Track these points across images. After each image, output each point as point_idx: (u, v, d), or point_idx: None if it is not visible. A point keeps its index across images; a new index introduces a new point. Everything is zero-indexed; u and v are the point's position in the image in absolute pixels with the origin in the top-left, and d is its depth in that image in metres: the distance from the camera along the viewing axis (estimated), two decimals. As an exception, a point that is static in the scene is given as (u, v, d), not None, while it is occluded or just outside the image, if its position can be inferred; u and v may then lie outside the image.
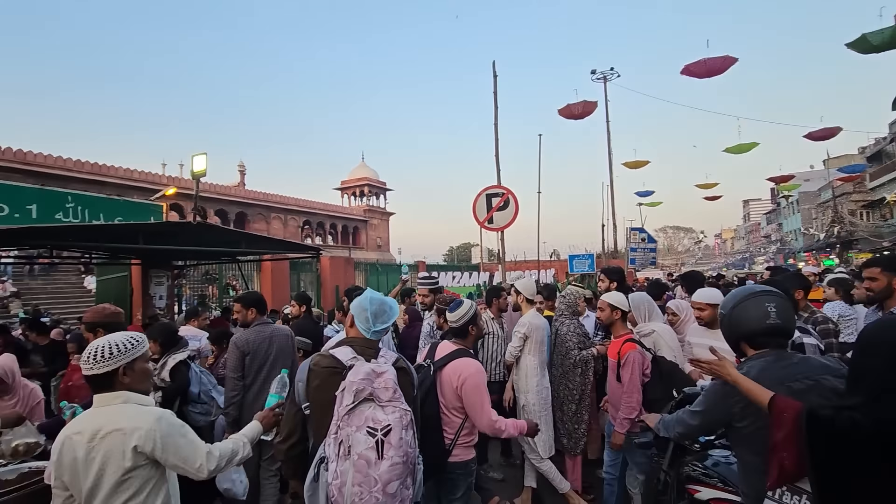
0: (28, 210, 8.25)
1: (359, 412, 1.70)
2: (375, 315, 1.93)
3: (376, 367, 1.79)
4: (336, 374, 1.82)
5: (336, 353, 1.88)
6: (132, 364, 1.77)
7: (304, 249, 8.58)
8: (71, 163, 26.03)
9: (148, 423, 1.68)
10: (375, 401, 1.72)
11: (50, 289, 16.55)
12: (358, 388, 1.71)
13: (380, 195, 51.40)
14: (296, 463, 1.93)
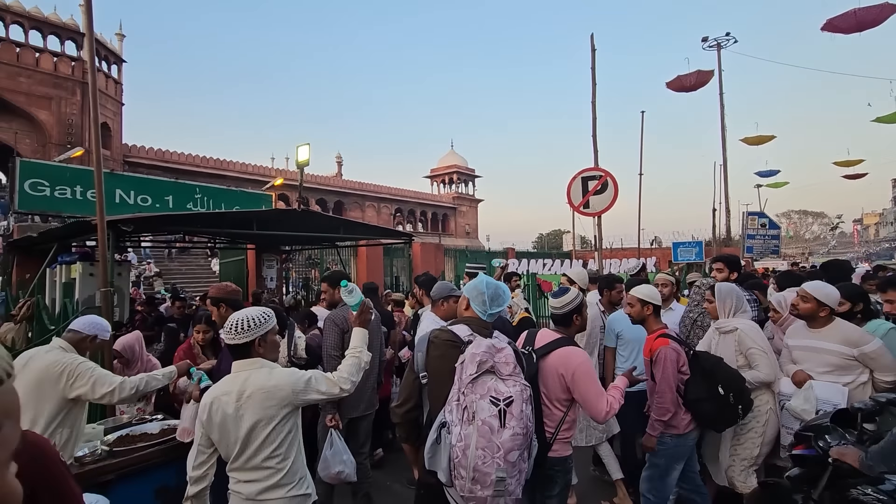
0: (165, 200, 9.47)
1: (481, 382, 1.79)
2: (492, 298, 2.05)
3: (496, 342, 1.90)
4: (455, 347, 1.93)
5: (454, 328, 2.01)
6: (265, 336, 1.99)
7: (397, 235, 8.82)
8: (199, 159, 29.64)
9: (286, 380, 1.95)
10: (497, 373, 1.82)
11: (184, 270, 18.98)
12: (481, 360, 1.80)
13: (468, 182, 51.55)
14: (410, 427, 2.10)
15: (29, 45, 23.69)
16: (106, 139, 26.31)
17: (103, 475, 2.61)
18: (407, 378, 2.09)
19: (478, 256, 18.48)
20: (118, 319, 5.00)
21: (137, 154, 27.68)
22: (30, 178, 8.08)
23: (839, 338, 2.63)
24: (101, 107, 25.87)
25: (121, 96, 28.17)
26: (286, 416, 1.94)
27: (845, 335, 2.64)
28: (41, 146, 22.73)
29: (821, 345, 2.65)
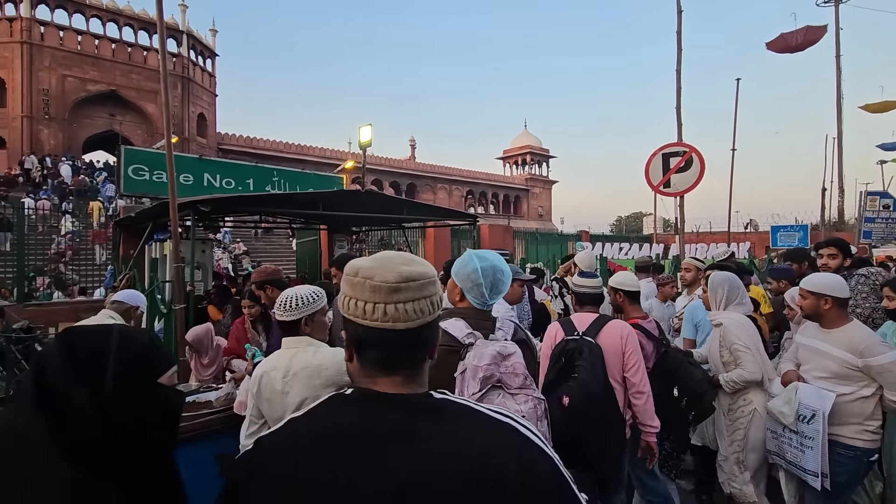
0: (247, 183, 10.11)
1: (487, 401, 1.47)
2: (492, 287, 1.66)
3: (502, 348, 1.54)
4: (453, 352, 1.56)
5: (448, 327, 1.60)
6: (313, 316, 1.98)
7: (461, 217, 8.70)
8: (282, 145, 31.54)
9: (331, 360, 1.89)
10: (504, 388, 1.49)
11: (268, 249, 20.40)
12: (485, 375, 1.48)
13: (542, 163, 50.03)
14: None
15: (139, 44, 26.33)
16: (202, 128, 28.78)
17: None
18: None
19: (550, 240, 17.90)
20: (198, 293, 5.39)
21: (229, 141, 29.98)
22: (132, 163, 8.97)
23: (845, 343, 2.27)
24: (198, 98, 28.28)
25: (215, 88, 30.52)
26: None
27: (852, 341, 2.26)
28: (149, 136, 25.32)
29: (824, 347, 2.34)
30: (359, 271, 0.78)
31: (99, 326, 0.83)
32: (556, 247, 16.81)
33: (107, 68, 25.06)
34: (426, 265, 0.81)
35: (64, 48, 24.03)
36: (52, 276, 12.77)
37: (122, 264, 7.56)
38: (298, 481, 0.68)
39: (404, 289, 0.75)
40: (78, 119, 24.61)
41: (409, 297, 0.75)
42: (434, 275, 0.81)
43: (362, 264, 0.79)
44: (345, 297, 0.79)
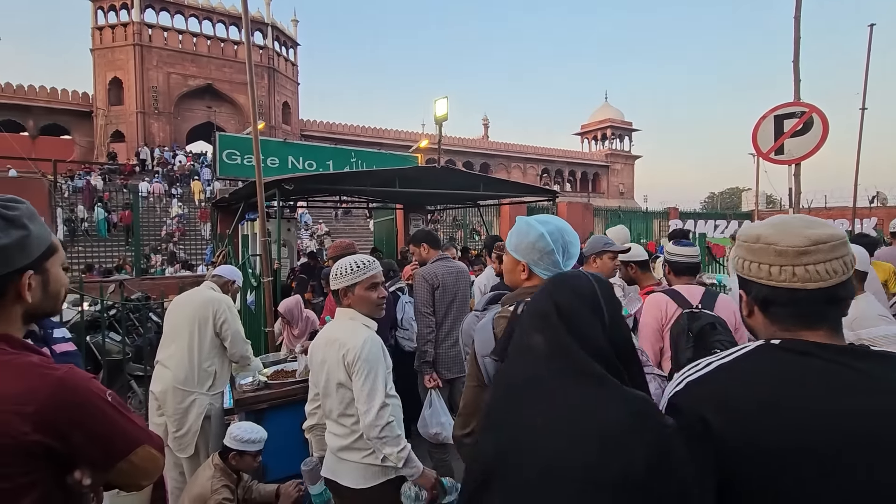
0: (327, 164, 10.45)
1: None
2: (563, 249, 1.35)
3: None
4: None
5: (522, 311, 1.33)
6: (352, 287, 1.87)
7: (540, 192, 8.32)
8: (359, 129, 32.56)
9: (356, 343, 1.76)
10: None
11: (348, 229, 21.24)
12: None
13: (624, 137, 47.07)
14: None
15: (230, 39, 28.19)
16: (287, 116, 30.41)
17: (258, 403, 2.89)
18: (473, 394, 1.36)
19: (633, 217, 16.78)
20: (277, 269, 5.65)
21: (311, 128, 31.46)
22: (226, 149, 9.60)
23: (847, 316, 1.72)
24: (282, 87, 29.81)
25: (297, 77, 32.00)
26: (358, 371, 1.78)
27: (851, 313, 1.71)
28: (241, 125, 27.22)
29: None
30: (759, 237, 0.83)
31: (580, 274, 1.00)
32: (641, 225, 15.70)
33: (203, 64, 27.20)
34: (832, 226, 0.83)
35: (168, 47, 26.37)
36: (163, 254, 14.26)
37: (219, 242, 8.17)
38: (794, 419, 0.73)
39: (814, 251, 0.78)
40: (181, 112, 27.06)
41: (819, 258, 0.78)
42: (844, 235, 0.82)
43: (761, 231, 0.83)
44: (742, 261, 0.85)
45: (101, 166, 22.00)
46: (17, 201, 0.94)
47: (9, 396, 0.83)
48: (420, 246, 3.22)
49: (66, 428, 0.86)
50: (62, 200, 15.67)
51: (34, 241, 0.93)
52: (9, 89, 24.97)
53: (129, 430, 0.95)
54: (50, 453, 0.86)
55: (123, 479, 0.97)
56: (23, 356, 0.90)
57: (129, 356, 4.61)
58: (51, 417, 0.85)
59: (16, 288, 0.92)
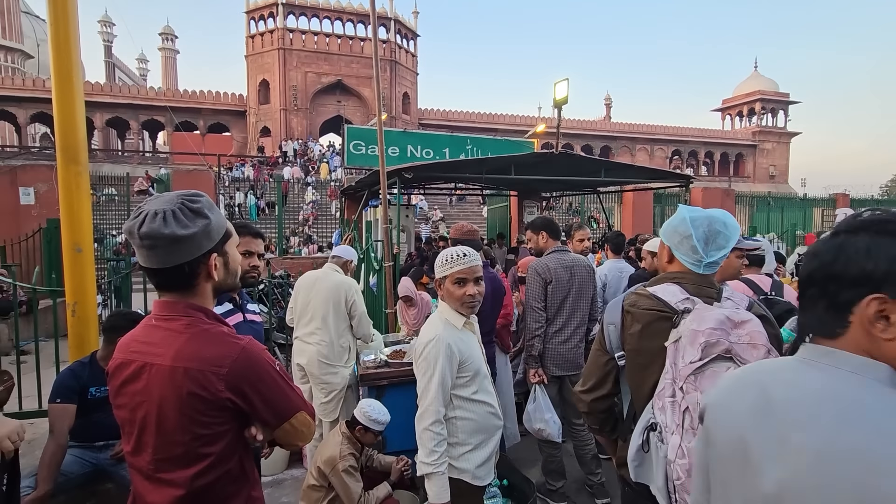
0: (444, 152, 10.67)
1: (711, 374, 1.17)
2: (708, 238, 1.34)
3: (733, 314, 1.21)
4: (665, 318, 1.30)
5: (658, 291, 1.35)
6: (443, 280, 1.84)
7: (670, 178, 7.53)
8: (474, 115, 32.82)
9: (423, 339, 1.78)
10: (735, 360, 1.16)
11: (462, 216, 21.61)
12: (708, 341, 1.17)
13: (777, 112, 40.55)
14: (601, 417, 1.56)
15: (357, 36, 30.16)
16: (406, 106, 31.75)
17: (379, 380, 3.06)
18: (595, 357, 1.52)
19: (787, 205, 14.45)
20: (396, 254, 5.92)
21: (428, 116, 32.47)
22: (353, 140, 10.32)
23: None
24: (402, 78, 31.13)
25: (416, 67, 33.13)
26: (418, 367, 1.82)
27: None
28: (366, 117, 29.12)
29: None
30: None
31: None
32: (797, 214, 13.46)
33: (334, 61, 29.53)
34: None
35: (305, 49, 29.11)
36: (300, 236, 15.97)
37: (345, 227, 8.87)
38: None
39: None
40: (315, 108, 29.80)
41: None
42: None
43: None
44: None
45: (252, 159, 25.29)
46: (199, 195, 1.09)
47: (209, 358, 1.02)
48: (538, 234, 3.06)
49: (247, 388, 1.03)
50: (223, 189, 18.37)
51: (215, 227, 1.08)
52: (185, 95, 29.81)
53: (292, 396, 1.12)
54: (235, 409, 1.04)
55: (284, 438, 1.13)
56: (217, 326, 1.09)
57: (274, 326, 5.22)
58: (237, 379, 1.02)
59: (206, 269, 1.08)
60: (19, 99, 25.80)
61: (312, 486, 2.31)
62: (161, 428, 1.02)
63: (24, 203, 8.12)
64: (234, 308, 1.81)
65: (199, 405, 1.00)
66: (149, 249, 1.01)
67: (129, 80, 50.06)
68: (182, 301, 1.08)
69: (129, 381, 1.05)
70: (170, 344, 1.03)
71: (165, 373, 1.01)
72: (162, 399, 1.01)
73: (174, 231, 0.99)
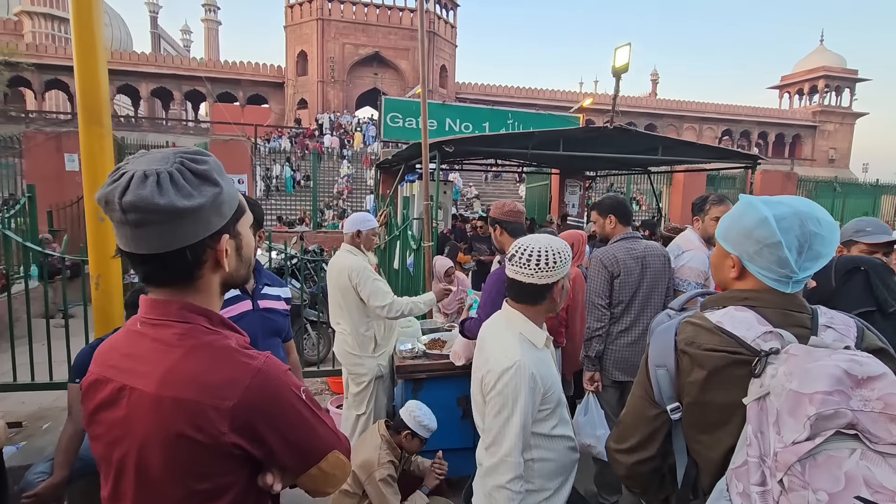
0: (483, 126, 10.21)
1: (827, 461, 0.74)
2: (800, 244, 0.92)
3: (853, 363, 0.77)
4: (742, 363, 0.90)
5: (725, 322, 0.94)
6: (553, 284, 1.39)
7: (734, 157, 6.86)
8: (513, 90, 31.83)
9: (499, 366, 1.34)
10: (866, 439, 0.73)
11: (496, 193, 21.08)
12: (821, 413, 0.75)
13: (842, 90, 37.51)
14: (646, 480, 1.14)
15: (395, 6, 29.43)
16: (443, 79, 31.00)
17: (417, 373, 2.82)
18: (638, 408, 1.10)
19: (851, 192, 13.28)
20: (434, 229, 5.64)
21: (466, 90, 31.65)
22: (390, 112, 9.99)
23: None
24: (440, 51, 30.30)
25: (455, 39, 32.17)
26: (490, 402, 1.38)
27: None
28: (402, 90, 28.61)
29: None
30: None
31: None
32: (866, 202, 12.35)
33: (372, 32, 29.00)
34: None
35: (344, 19, 28.65)
36: (335, 210, 15.92)
37: (381, 202, 8.64)
38: None
39: None
40: (352, 80, 29.51)
41: None
42: None
43: None
44: None
45: (289, 130, 25.37)
46: (205, 154, 0.78)
47: (209, 387, 0.73)
48: (606, 217, 2.65)
49: (262, 428, 0.76)
50: (260, 160, 18.49)
51: (227, 198, 0.78)
52: (226, 66, 30.05)
53: (322, 433, 0.85)
54: (246, 455, 0.77)
55: (311, 484, 0.87)
56: (222, 337, 0.80)
57: (306, 302, 5.07)
58: (248, 415, 0.75)
59: (214, 255, 0.79)
60: (72, 68, 26.40)
61: (345, 491, 2.10)
62: (143, 477, 0.75)
63: (69, 169, 8.25)
64: (241, 294, 1.50)
65: (193, 451, 0.73)
66: (135, 227, 0.71)
67: (173, 51, 51.03)
68: (177, 300, 0.79)
69: (104, 406, 0.78)
70: (157, 361, 0.75)
71: (148, 403, 0.73)
72: (145, 438, 0.74)
73: (173, 201, 0.71)
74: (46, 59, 26.33)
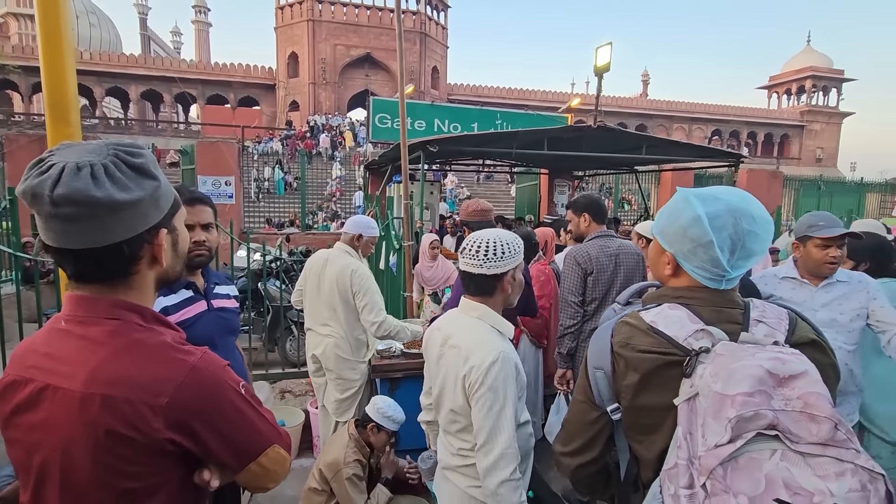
0: (472, 126, 10.25)
1: (748, 463, 0.73)
2: (733, 242, 0.91)
3: (777, 363, 0.77)
4: (672, 364, 0.88)
5: (658, 321, 0.93)
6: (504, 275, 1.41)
7: (717, 156, 6.92)
8: (504, 91, 31.90)
9: (482, 360, 1.31)
10: (787, 439, 0.73)
11: (489, 194, 21.12)
12: (742, 415, 0.74)
13: (829, 90, 37.94)
14: (591, 482, 1.15)
15: (387, 7, 29.41)
16: (435, 81, 31.01)
17: (393, 372, 2.81)
18: (579, 412, 1.08)
19: (837, 191, 13.43)
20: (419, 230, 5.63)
21: (457, 91, 31.68)
22: (378, 112, 10.00)
23: None
24: (432, 52, 30.31)
25: (446, 40, 32.22)
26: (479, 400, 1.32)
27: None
28: (394, 92, 28.56)
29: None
30: None
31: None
32: (850, 200, 12.50)
33: (364, 34, 28.95)
34: None
35: (335, 20, 28.59)
36: (325, 212, 15.88)
37: (369, 202, 8.63)
38: None
39: None
40: (344, 81, 29.43)
41: None
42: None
43: None
44: None
45: (280, 132, 25.28)
46: (140, 147, 0.77)
47: (141, 384, 0.72)
48: (580, 216, 2.65)
49: (198, 425, 0.76)
50: (252, 162, 18.39)
51: (164, 193, 0.78)
52: (216, 68, 29.88)
53: (262, 428, 0.84)
54: (182, 452, 0.77)
55: (251, 480, 0.86)
56: (155, 334, 0.78)
57: (290, 303, 5.04)
58: (183, 412, 0.74)
59: (150, 250, 0.78)
60: (58, 70, 26.32)
61: (313, 489, 2.09)
62: (68, 481, 0.73)
63: (52, 172, 8.15)
64: (194, 294, 1.49)
65: (124, 449, 0.71)
66: (67, 221, 0.68)
67: (163, 53, 50.69)
68: (107, 297, 0.76)
69: (22, 409, 0.75)
70: (84, 360, 0.73)
71: (75, 402, 0.71)
72: (69, 440, 0.72)
73: (111, 194, 0.69)
74: (33, 61, 26.03)
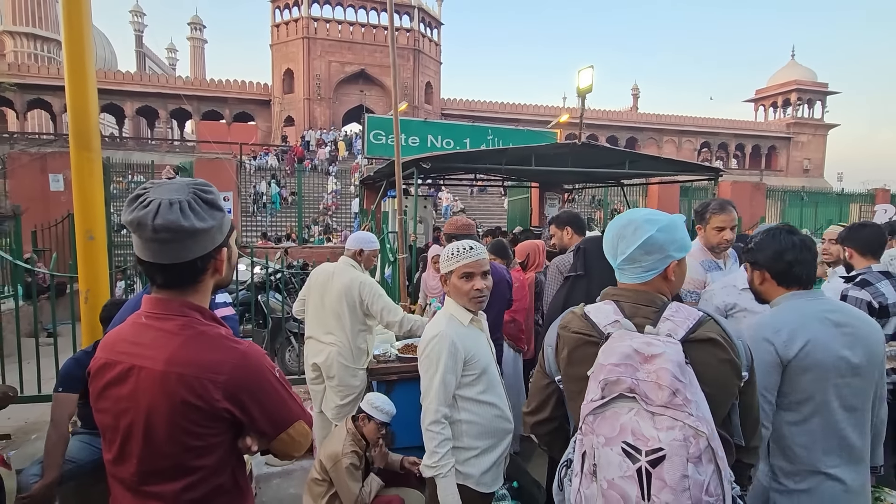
0: (464, 142, 10.52)
1: (612, 415, 1.02)
2: (616, 241, 1.20)
3: (644, 345, 1.03)
4: (591, 343, 1.14)
5: (591, 311, 1.19)
6: (449, 274, 1.77)
7: (697, 170, 7.24)
8: (497, 105, 32.41)
9: (425, 337, 1.73)
10: (641, 401, 1.00)
11: (482, 207, 21.46)
12: (608, 378, 1.03)
13: (814, 102, 38.85)
14: (547, 439, 1.41)
15: (381, 25, 30.00)
16: (429, 96, 31.52)
17: (388, 375, 2.99)
18: (536, 379, 1.38)
19: (821, 200, 13.82)
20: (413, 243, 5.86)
21: (451, 106, 32.19)
22: (373, 129, 10.26)
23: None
24: (426, 68, 30.86)
25: (439, 56, 32.80)
26: (420, 364, 1.77)
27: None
28: (389, 108, 28.99)
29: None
30: None
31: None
32: (833, 210, 12.88)
33: (358, 50, 29.48)
34: None
35: (329, 38, 29.12)
36: (321, 226, 16.09)
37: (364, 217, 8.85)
38: None
39: None
40: (338, 97, 29.87)
41: None
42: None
43: None
44: None
45: (275, 148, 25.56)
46: (209, 185, 1.02)
47: (206, 364, 0.95)
48: (563, 229, 2.85)
49: (246, 398, 0.97)
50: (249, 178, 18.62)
51: (226, 220, 1.02)
52: (212, 84, 30.24)
53: (292, 405, 1.05)
54: (232, 419, 0.97)
55: (281, 448, 1.06)
56: (214, 328, 1.01)
57: (289, 315, 5.23)
58: (236, 387, 0.96)
59: (214, 264, 1.02)
60: (54, 88, 26.58)
61: (315, 479, 2.28)
62: (149, 438, 0.96)
63: (53, 189, 8.36)
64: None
65: (193, 415, 0.94)
66: (163, 244, 0.93)
67: (159, 69, 51.11)
68: (178, 299, 1.00)
69: (113, 383, 0.99)
70: (163, 346, 0.96)
71: (157, 378, 0.94)
72: (151, 407, 0.95)
73: (193, 224, 0.93)
74: (29, 78, 26.29)
